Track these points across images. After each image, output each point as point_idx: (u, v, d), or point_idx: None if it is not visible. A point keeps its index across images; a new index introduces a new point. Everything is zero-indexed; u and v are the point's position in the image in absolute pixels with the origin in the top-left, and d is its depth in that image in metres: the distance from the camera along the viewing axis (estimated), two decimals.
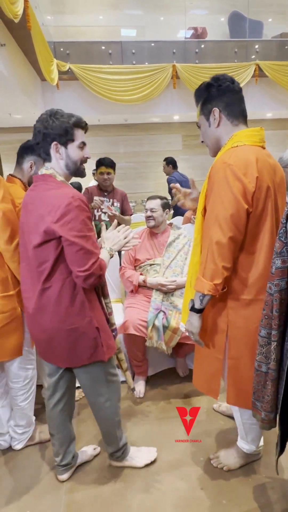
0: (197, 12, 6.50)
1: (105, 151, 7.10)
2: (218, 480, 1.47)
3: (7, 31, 3.61)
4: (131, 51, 5.58)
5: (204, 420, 1.84)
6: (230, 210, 1.12)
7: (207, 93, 1.25)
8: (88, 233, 1.19)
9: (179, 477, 1.50)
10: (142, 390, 2.08)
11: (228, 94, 1.23)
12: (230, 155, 1.15)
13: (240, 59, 5.72)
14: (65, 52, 5.38)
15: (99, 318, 1.30)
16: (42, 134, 1.23)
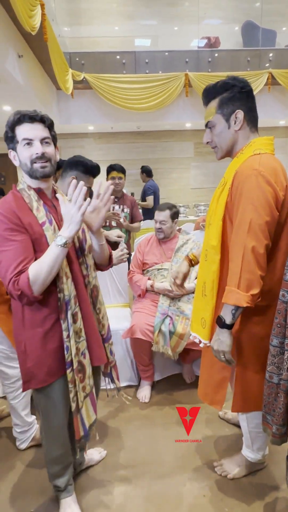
0: (211, 22, 6.56)
1: (118, 158, 7.19)
2: (221, 488, 1.46)
3: (25, 43, 3.74)
4: (144, 61, 5.67)
5: (209, 427, 1.82)
6: (266, 217, 1.08)
7: (230, 93, 1.18)
8: (4, 247, 1.06)
9: (181, 483, 1.49)
10: (148, 395, 2.08)
11: (250, 99, 1.20)
12: (259, 161, 1.11)
13: (253, 67, 5.73)
14: (80, 62, 5.51)
15: (36, 344, 1.15)
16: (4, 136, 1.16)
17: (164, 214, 2.20)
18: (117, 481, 1.52)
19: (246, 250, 1.08)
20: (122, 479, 1.53)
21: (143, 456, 1.64)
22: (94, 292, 1.29)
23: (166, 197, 7.43)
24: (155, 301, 2.14)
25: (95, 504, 1.41)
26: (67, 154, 8.25)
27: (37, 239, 1.11)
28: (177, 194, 7.52)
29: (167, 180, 7.57)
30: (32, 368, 1.16)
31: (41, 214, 1.14)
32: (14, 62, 3.41)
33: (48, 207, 1.18)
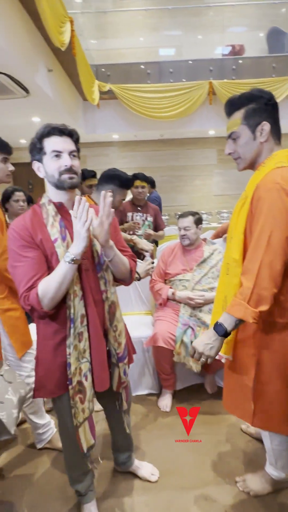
0: (236, 29, 6.53)
1: (141, 165, 7.25)
2: (244, 505, 1.41)
3: (54, 57, 3.88)
4: (168, 70, 5.71)
5: (232, 441, 1.78)
6: (287, 232, 1.06)
7: (257, 104, 1.17)
8: (15, 263, 1.10)
9: (203, 497, 1.46)
10: (169, 404, 2.06)
11: (276, 112, 1.19)
12: (282, 175, 1.09)
13: (279, 73, 5.63)
14: (106, 73, 5.64)
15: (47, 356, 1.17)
16: (30, 149, 1.18)
17: (187, 220, 2.18)
18: (138, 491, 1.51)
19: (263, 265, 1.06)
20: (143, 488, 1.52)
21: (164, 466, 1.63)
22: (112, 309, 1.24)
23: (189, 204, 7.40)
24: (176, 310, 2.13)
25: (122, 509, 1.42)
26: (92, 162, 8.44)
27: (49, 255, 1.12)
28: (200, 201, 7.47)
29: (190, 187, 7.54)
30: (42, 378, 1.18)
31: (54, 230, 1.13)
32: (44, 76, 3.55)
33: (66, 222, 1.17)
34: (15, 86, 3.35)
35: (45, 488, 1.54)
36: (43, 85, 3.50)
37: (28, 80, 3.28)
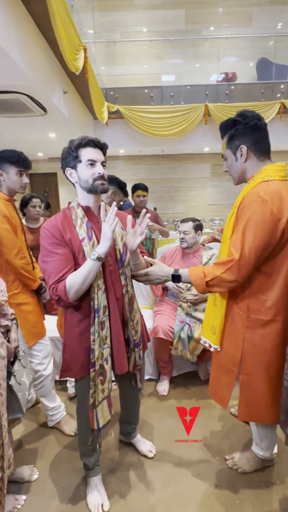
0: (229, 59, 6.53)
1: (144, 177, 7.25)
2: (233, 481, 1.39)
3: (69, 81, 3.88)
4: (169, 94, 5.71)
5: (222, 422, 1.76)
6: (259, 241, 1.07)
7: (234, 130, 1.17)
8: (46, 258, 1.11)
9: (195, 473, 1.44)
10: (166, 389, 2.04)
11: (256, 132, 1.15)
12: (265, 189, 1.08)
13: (267, 98, 5.63)
14: (114, 96, 5.64)
15: (73, 342, 1.18)
16: (62, 158, 1.17)
17: (187, 225, 2.16)
18: (138, 466, 1.49)
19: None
20: (142, 464, 1.50)
21: (162, 444, 1.61)
22: (131, 301, 1.26)
23: (185, 212, 7.39)
24: (173, 306, 2.11)
25: (118, 485, 1.39)
26: None
27: (76, 252, 1.13)
28: (195, 210, 7.46)
29: (186, 197, 7.54)
30: (68, 361, 1.20)
31: (82, 231, 1.14)
32: (60, 97, 3.54)
33: (92, 224, 1.18)
34: (34, 105, 3.34)
35: (54, 461, 1.52)
36: (59, 105, 3.49)
37: (46, 100, 3.27)
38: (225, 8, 6.62)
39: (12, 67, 2.45)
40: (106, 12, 6.54)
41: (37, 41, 2.78)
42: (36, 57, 2.76)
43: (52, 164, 7.23)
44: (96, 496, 1.31)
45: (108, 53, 6.49)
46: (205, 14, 6.61)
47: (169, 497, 1.33)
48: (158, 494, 1.35)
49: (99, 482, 1.35)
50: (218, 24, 6.54)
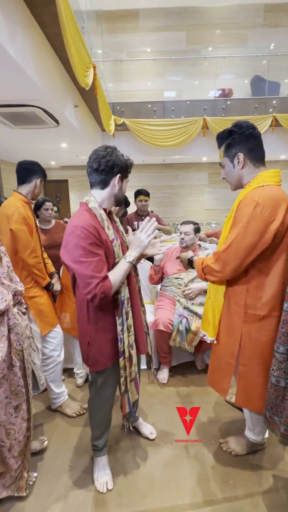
0: (226, 76, 6.51)
1: (147, 184, 7.24)
2: (227, 462, 1.38)
3: (80, 95, 3.88)
4: (171, 108, 5.70)
5: (217, 408, 1.75)
6: (250, 240, 1.07)
7: (231, 139, 1.16)
8: (86, 258, 1.01)
9: (192, 455, 1.43)
10: (166, 377, 2.03)
11: (251, 140, 1.14)
12: (260, 194, 1.06)
13: (260, 112, 5.60)
14: (121, 110, 5.64)
15: (98, 335, 1.14)
16: (111, 165, 1.09)
17: (188, 227, 2.15)
18: (140, 448, 1.48)
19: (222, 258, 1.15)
20: (144, 445, 1.49)
21: (162, 427, 1.60)
22: (140, 291, 1.30)
23: (184, 216, 7.37)
24: (173, 301, 2.10)
25: (121, 465, 1.38)
26: None
27: (107, 252, 1.10)
28: (193, 214, 7.44)
29: (185, 203, 7.52)
30: (96, 354, 1.16)
31: (111, 231, 1.12)
32: (71, 110, 3.54)
33: (113, 225, 1.19)
34: (48, 118, 3.35)
35: (62, 441, 1.52)
36: (70, 117, 3.49)
37: (58, 113, 3.27)
38: (222, 30, 6.60)
39: (28, 83, 2.46)
40: (113, 34, 6.54)
41: (51, 60, 2.78)
42: (50, 74, 2.76)
43: (64, 172, 7.24)
44: (102, 474, 1.30)
45: (115, 71, 6.49)
46: (204, 36, 6.59)
47: (167, 477, 1.32)
48: (158, 474, 1.34)
49: (106, 462, 1.34)
50: (215, 44, 6.53)
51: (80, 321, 1.17)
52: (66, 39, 2.36)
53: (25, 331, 1.11)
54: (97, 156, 1.10)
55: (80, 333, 1.19)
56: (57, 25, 2.27)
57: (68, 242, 1.03)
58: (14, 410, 1.09)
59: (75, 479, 1.31)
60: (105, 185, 1.12)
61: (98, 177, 1.11)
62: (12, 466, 1.13)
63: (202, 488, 1.26)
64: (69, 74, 3.22)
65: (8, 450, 1.09)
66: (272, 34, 6.53)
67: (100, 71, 4.93)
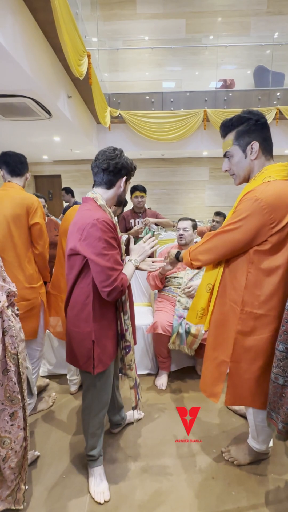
0: (227, 67, 6.51)
1: (145, 180, 7.24)
2: (229, 473, 1.38)
3: (73, 86, 3.86)
4: (170, 100, 5.70)
5: (218, 416, 1.75)
6: (239, 236, 1.10)
7: (244, 126, 1.12)
8: (108, 251, 1.08)
9: (193, 465, 1.43)
10: (165, 383, 2.03)
11: (265, 130, 1.12)
12: (262, 190, 1.05)
13: (263, 104, 5.62)
14: (117, 101, 5.63)
15: (102, 333, 1.17)
16: (119, 167, 1.17)
17: (186, 223, 2.18)
18: (137, 457, 1.47)
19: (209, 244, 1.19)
20: (142, 455, 1.48)
21: (160, 436, 1.59)
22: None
23: (184, 213, 7.37)
24: (172, 302, 2.09)
25: (117, 476, 1.38)
26: None
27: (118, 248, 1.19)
28: (194, 211, 7.45)
29: (185, 199, 7.52)
30: (100, 354, 1.18)
31: (118, 230, 1.22)
32: (65, 101, 3.52)
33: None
34: (39, 109, 3.33)
35: (54, 452, 1.51)
36: (63, 109, 3.47)
37: (51, 104, 3.25)
38: (224, 18, 6.61)
39: (19, 72, 2.44)
40: (109, 21, 6.52)
41: (43, 47, 2.76)
42: (42, 62, 2.74)
43: (57, 167, 7.22)
44: (99, 485, 1.30)
45: (111, 60, 6.47)
46: (204, 24, 6.59)
47: (166, 489, 1.31)
48: (156, 485, 1.33)
49: (102, 471, 1.34)
50: (217, 33, 6.53)
51: (82, 319, 1.16)
52: (58, 26, 2.34)
53: (20, 334, 1.11)
54: (106, 157, 1.17)
55: (80, 334, 1.17)
56: (49, 11, 2.25)
57: (90, 234, 1.07)
58: (9, 418, 1.08)
59: (69, 492, 1.31)
60: (111, 186, 1.21)
61: (106, 177, 1.19)
62: (8, 477, 1.12)
63: (203, 500, 1.26)
64: (62, 63, 3.21)
65: (3, 460, 1.08)
66: (276, 22, 6.55)
67: (95, 60, 4.92)
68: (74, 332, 1.19)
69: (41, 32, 2.68)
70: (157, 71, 6.63)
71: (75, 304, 1.18)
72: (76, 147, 5.65)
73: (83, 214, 1.12)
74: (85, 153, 6.22)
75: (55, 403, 1.87)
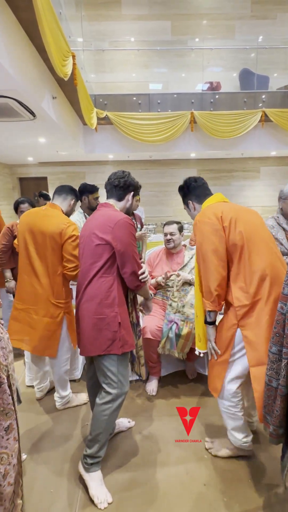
0: (213, 69, 6.62)
1: None
2: (221, 480, 1.37)
3: (58, 87, 3.82)
4: (157, 101, 5.73)
5: (208, 420, 1.74)
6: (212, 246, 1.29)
7: (182, 193, 1.56)
8: (134, 243, 1.32)
9: (184, 472, 1.42)
10: (155, 389, 2.01)
11: (194, 190, 1.51)
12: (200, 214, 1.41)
13: (249, 107, 5.73)
14: (103, 102, 5.61)
15: (124, 316, 1.33)
16: (128, 184, 1.45)
17: (173, 227, 2.19)
18: (128, 467, 1.45)
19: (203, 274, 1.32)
20: (132, 464, 1.46)
21: (151, 444, 1.58)
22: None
23: (173, 215, 7.41)
24: (162, 306, 2.09)
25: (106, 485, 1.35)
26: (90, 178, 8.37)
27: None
28: (182, 213, 7.46)
29: (174, 201, 7.56)
30: (125, 335, 1.32)
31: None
32: (49, 102, 3.48)
33: None
34: (23, 110, 3.27)
35: (40, 464, 1.47)
36: (48, 110, 3.43)
37: (35, 105, 3.20)
38: (209, 20, 6.72)
39: (1, 72, 2.39)
40: (94, 22, 6.51)
41: (25, 47, 2.72)
42: (25, 62, 2.70)
43: (43, 169, 7.12)
44: (101, 489, 1.30)
45: (97, 61, 6.46)
46: (190, 26, 6.68)
47: (157, 498, 1.30)
48: (148, 493, 1.31)
49: (101, 476, 1.35)
50: (202, 35, 6.63)
51: (107, 305, 1.30)
52: (41, 26, 2.31)
53: (8, 345, 1.08)
54: (117, 176, 1.46)
55: (104, 320, 1.30)
56: (32, 10, 2.22)
57: (121, 227, 1.29)
58: (5, 432, 1.04)
59: (57, 508, 1.27)
60: (121, 199, 1.46)
61: (117, 192, 1.45)
62: (7, 495, 1.07)
63: (195, 508, 1.25)
64: (46, 63, 3.16)
65: (3, 477, 1.03)
66: (260, 26, 6.71)
67: (80, 61, 4.89)
68: (96, 320, 1.30)
69: (24, 32, 2.64)
70: (144, 73, 6.66)
71: (97, 293, 1.31)
72: (62, 148, 5.59)
73: (111, 214, 1.35)
74: (72, 154, 6.17)
75: (41, 413, 1.82)
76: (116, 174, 1.46)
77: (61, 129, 4.14)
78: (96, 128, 5.43)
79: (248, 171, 7.30)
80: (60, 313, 1.68)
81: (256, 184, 7.35)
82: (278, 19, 6.74)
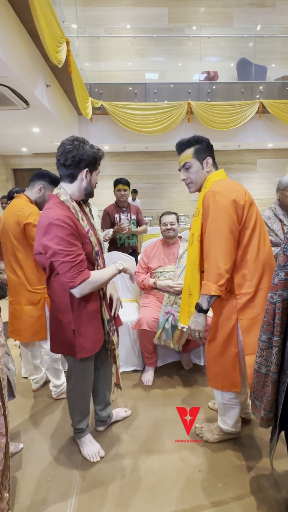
0: (211, 59, 6.52)
1: (129, 173, 7.17)
2: (215, 466, 1.40)
3: (52, 74, 3.73)
4: (153, 91, 5.64)
5: (203, 410, 1.77)
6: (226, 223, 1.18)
7: (202, 145, 1.34)
8: (68, 248, 1.11)
9: (180, 459, 1.44)
10: (151, 379, 2.03)
11: (212, 151, 1.37)
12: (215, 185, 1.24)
13: (246, 98, 5.67)
14: (99, 92, 5.51)
15: (82, 321, 1.24)
16: (77, 160, 1.16)
17: (171, 217, 2.22)
18: (124, 455, 1.47)
19: (213, 250, 1.19)
20: (128, 453, 1.48)
21: (146, 433, 1.60)
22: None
23: (169, 207, 7.39)
24: (159, 297, 2.09)
25: (103, 474, 1.37)
26: None
27: (84, 244, 1.20)
28: (179, 205, 7.48)
29: (170, 193, 7.53)
30: (82, 341, 1.25)
31: (85, 223, 1.22)
32: (43, 90, 3.40)
33: (85, 216, 1.26)
34: (16, 98, 3.19)
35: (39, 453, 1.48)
36: (42, 98, 3.35)
37: (28, 93, 3.13)
38: (206, 7, 6.59)
39: None
40: (89, 7, 6.34)
41: (18, 33, 2.64)
42: (17, 48, 2.62)
43: (36, 160, 7.01)
44: (91, 448, 1.43)
45: (92, 48, 6.31)
46: (187, 13, 6.54)
47: (153, 485, 1.32)
48: (143, 480, 1.34)
49: (91, 437, 1.46)
50: (200, 23, 6.50)
51: (61, 311, 1.24)
52: (34, 9, 2.24)
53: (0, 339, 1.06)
54: (64, 150, 1.16)
55: (60, 324, 1.25)
56: None
57: (46, 232, 1.11)
58: None
59: (54, 495, 1.29)
60: (73, 179, 1.20)
61: (66, 171, 1.19)
62: None
63: (190, 493, 1.27)
64: (39, 49, 3.09)
65: None
66: (258, 14, 6.60)
67: (75, 48, 4.77)
68: (55, 321, 1.27)
69: (16, 17, 2.55)
70: (140, 61, 6.54)
71: (53, 297, 1.25)
72: (57, 139, 5.49)
73: (42, 214, 1.16)
74: None
75: (35, 405, 1.83)
76: (64, 146, 1.16)
77: (56, 118, 4.07)
78: (92, 118, 5.34)
79: (244, 163, 7.27)
80: (40, 299, 1.73)
81: (253, 177, 7.34)
82: (277, 7, 6.64)
